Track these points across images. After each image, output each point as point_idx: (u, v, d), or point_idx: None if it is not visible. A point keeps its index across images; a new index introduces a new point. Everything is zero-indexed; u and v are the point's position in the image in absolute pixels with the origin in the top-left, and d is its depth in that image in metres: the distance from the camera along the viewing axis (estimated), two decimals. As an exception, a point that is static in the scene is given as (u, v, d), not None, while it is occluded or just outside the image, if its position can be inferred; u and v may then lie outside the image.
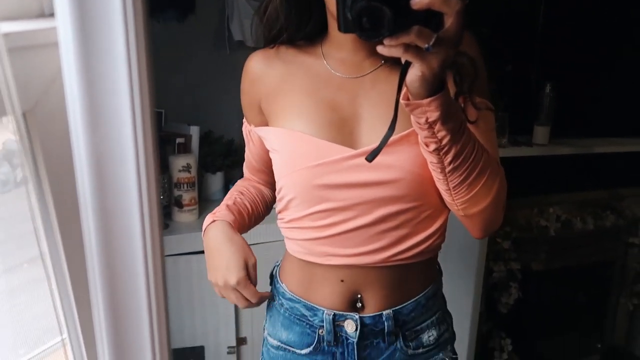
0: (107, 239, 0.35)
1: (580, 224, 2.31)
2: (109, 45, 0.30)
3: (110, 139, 0.32)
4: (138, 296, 0.36)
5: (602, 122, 2.34)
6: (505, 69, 2.19)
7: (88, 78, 0.31)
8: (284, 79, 0.88)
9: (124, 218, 0.34)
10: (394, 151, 0.80)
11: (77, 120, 0.31)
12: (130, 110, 0.32)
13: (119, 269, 0.35)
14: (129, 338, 0.40)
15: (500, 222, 0.85)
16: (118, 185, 0.33)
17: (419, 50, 0.61)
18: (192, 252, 1.62)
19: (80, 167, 0.32)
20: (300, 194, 0.85)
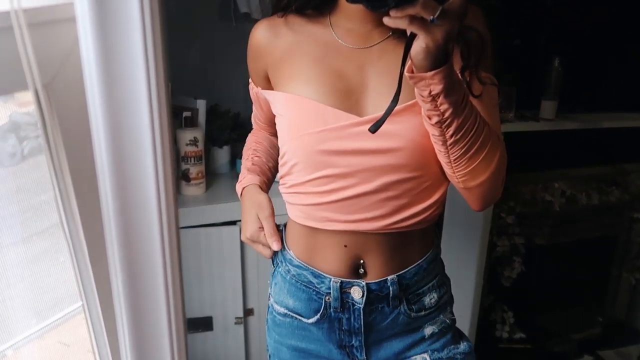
0: (124, 209, 0.36)
1: (585, 199, 2.31)
2: (125, 18, 0.31)
3: (126, 109, 0.33)
4: (154, 264, 0.38)
5: (609, 97, 2.31)
6: (513, 43, 2.17)
7: (104, 51, 0.32)
8: (291, 47, 0.89)
9: (140, 187, 0.35)
10: (398, 120, 0.81)
11: (95, 92, 0.32)
12: (146, 82, 0.32)
13: (136, 238, 0.37)
14: (146, 305, 0.41)
15: (499, 195, 0.87)
16: (134, 155, 0.34)
17: (424, 22, 0.62)
18: (199, 225, 1.64)
19: (98, 138, 0.33)
20: (303, 159, 0.87)
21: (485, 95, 0.81)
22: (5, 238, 0.67)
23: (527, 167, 2.14)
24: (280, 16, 0.91)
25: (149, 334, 0.40)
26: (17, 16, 0.32)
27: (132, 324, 0.42)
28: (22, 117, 0.75)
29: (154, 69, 0.32)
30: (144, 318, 0.42)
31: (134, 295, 0.40)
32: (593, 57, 2.27)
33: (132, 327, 0.40)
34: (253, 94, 1.03)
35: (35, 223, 0.71)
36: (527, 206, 2.20)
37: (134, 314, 0.42)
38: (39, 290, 0.72)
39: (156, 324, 0.41)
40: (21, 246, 0.71)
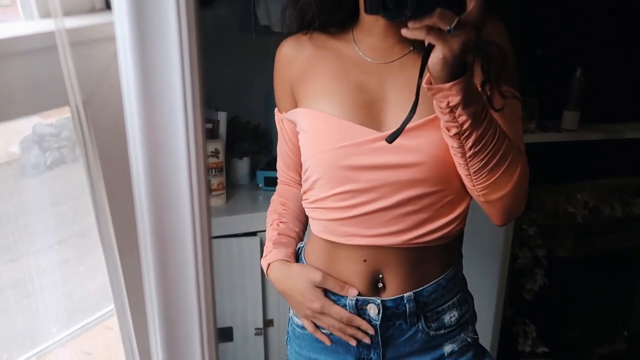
0: (159, 221, 0.37)
1: (608, 210, 2.28)
2: (163, 38, 0.32)
3: (163, 125, 0.34)
4: (187, 272, 0.39)
5: (632, 107, 2.28)
6: (535, 54, 2.16)
7: (143, 69, 0.33)
8: (314, 62, 0.91)
9: (175, 200, 0.36)
10: (418, 135, 0.82)
11: (132, 108, 0.33)
12: (182, 99, 0.33)
13: (169, 249, 0.38)
14: (179, 312, 0.42)
15: (522, 210, 0.86)
16: (170, 168, 0.35)
17: (441, 32, 0.63)
18: (220, 236, 1.65)
19: (135, 152, 0.34)
20: (325, 174, 0.87)
21: (507, 109, 0.81)
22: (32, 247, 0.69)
23: (549, 178, 2.12)
24: (305, 34, 0.92)
25: (180, 340, 0.41)
26: (61, 36, 0.33)
27: (164, 330, 0.43)
28: (46, 128, 0.77)
29: (190, 87, 0.33)
30: (176, 325, 0.42)
31: (166, 302, 0.41)
32: (615, 66, 2.25)
33: (164, 334, 0.41)
34: (279, 124, 1.02)
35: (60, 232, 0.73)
36: (549, 218, 2.18)
37: (166, 320, 0.42)
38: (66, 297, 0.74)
39: (188, 332, 0.41)
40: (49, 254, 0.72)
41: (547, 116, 2.10)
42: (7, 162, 0.74)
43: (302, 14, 0.90)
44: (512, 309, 2.24)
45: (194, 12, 0.32)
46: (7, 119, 0.39)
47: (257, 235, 1.69)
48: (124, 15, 0.32)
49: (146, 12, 0.32)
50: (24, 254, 0.68)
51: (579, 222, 2.20)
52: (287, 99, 0.96)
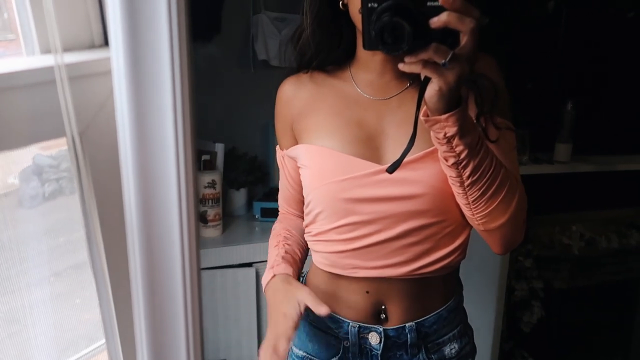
0: (149, 253, 0.38)
1: (604, 243, 2.28)
2: (157, 74, 0.34)
3: (155, 159, 0.36)
4: (176, 305, 0.39)
5: (624, 139, 2.32)
6: (526, 87, 2.20)
7: (137, 103, 0.34)
8: (314, 99, 0.93)
9: (166, 232, 0.37)
10: (418, 167, 0.83)
11: (126, 141, 0.35)
12: (174, 133, 0.35)
13: (159, 282, 0.38)
14: (167, 346, 0.43)
15: (521, 238, 0.87)
16: (160, 202, 0.36)
17: (436, 66, 0.65)
18: (216, 267, 1.65)
19: (127, 185, 0.35)
20: (327, 207, 0.89)
21: (502, 140, 0.83)
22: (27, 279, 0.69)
23: (543, 209, 2.13)
24: (305, 72, 0.95)
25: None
26: (60, 70, 0.35)
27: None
28: (46, 159, 0.78)
29: (182, 123, 0.35)
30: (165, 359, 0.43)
31: (155, 337, 0.41)
32: (606, 98, 2.29)
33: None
34: (280, 160, 1.02)
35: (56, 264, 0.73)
36: (545, 249, 2.18)
37: (154, 354, 0.43)
38: (58, 330, 0.73)
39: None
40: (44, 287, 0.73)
41: (539, 148, 2.13)
42: (4, 194, 0.74)
43: (301, 54, 0.92)
44: (510, 342, 2.22)
45: (187, 49, 0.33)
46: (5, 148, 0.40)
47: (253, 266, 1.69)
48: (119, 51, 0.34)
49: (141, 48, 0.34)
50: (17, 287, 0.68)
51: (575, 254, 2.21)
52: (288, 136, 0.97)
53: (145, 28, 0.33)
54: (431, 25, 0.64)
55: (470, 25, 0.64)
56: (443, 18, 0.63)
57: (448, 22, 0.63)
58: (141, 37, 0.34)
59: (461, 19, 0.63)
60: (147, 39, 0.34)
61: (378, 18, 0.63)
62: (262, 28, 1.97)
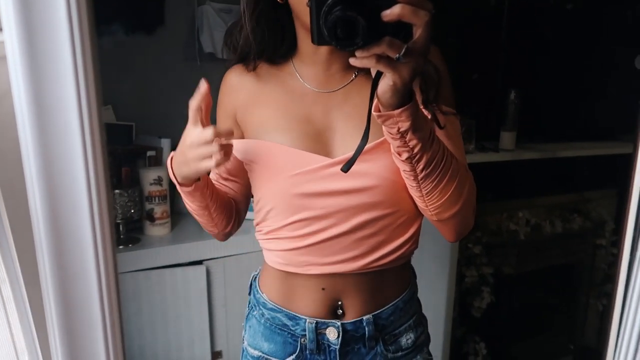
0: (59, 256, 0.35)
1: (549, 228, 2.36)
2: (56, 57, 0.31)
3: (60, 154, 0.33)
4: (92, 315, 0.36)
5: (566, 127, 2.40)
6: (471, 77, 2.24)
7: (36, 91, 0.31)
8: (259, 92, 0.90)
9: (75, 234, 0.34)
10: (368, 159, 0.82)
11: (27, 134, 0.32)
12: (79, 122, 0.32)
13: (72, 288, 0.36)
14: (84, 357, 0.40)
15: (472, 225, 0.88)
16: (69, 201, 0.34)
17: (390, 60, 0.63)
18: (164, 266, 1.60)
19: (32, 186, 0.32)
20: (278, 203, 0.87)
21: (449, 127, 0.83)
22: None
23: (490, 197, 2.18)
24: (249, 65, 0.91)
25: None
26: (-55, 57, 0.32)
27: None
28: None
29: (87, 111, 0.32)
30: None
31: (72, 348, 0.38)
32: (548, 88, 2.37)
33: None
34: None
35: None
36: (493, 236, 2.23)
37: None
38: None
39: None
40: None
41: (485, 137, 2.18)
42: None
43: (242, 52, 0.90)
44: (462, 327, 2.27)
45: (88, 29, 0.31)
46: None
47: (203, 264, 1.65)
48: (13, 34, 0.31)
49: (38, 30, 0.31)
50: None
51: (522, 240, 2.27)
52: (229, 125, 0.94)
53: (41, 7, 0.30)
54: (384, 19, 0.61)
55: (424, 18, 0.62)
56: (396, 11, 0.61)
57: (402, 15, 0.61)
58: (37, 17, 0.31)
59: (415, 12, 0.61)
60: (43, 19, 0.31)
61: (329, 12, 0.60)
62: (208, 19, 1.93)
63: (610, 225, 2.54)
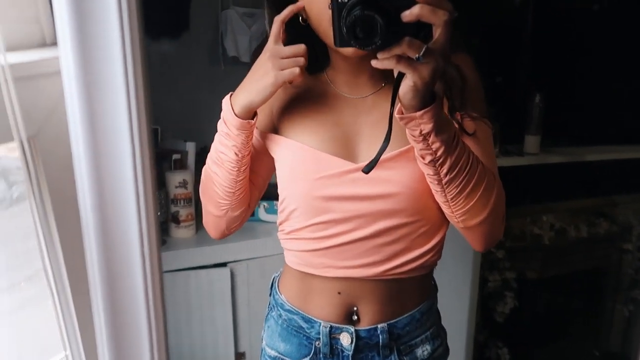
0: (107, 257, 0.36)
1: (574, 232, 2.33)
2: (109, 72, 0.32)
3: (110, 161, 0.34)
4: (138, 312, 0.38)
5: (592, 130, 2.37)
6: (495, 80, 2.23)
7: (89, 105, 0.33)
8: (293, 93, 0.92)
9: (123, 236, 0.36)
10: (392, 166, 0.83)
11: (79, 144, 0.33)
12: (129, 133, 0.33)
13: (119, 286, 0.37)
14: (130, 354, 0.41)
15: (501, 234, 0.87)
16: (118, 204, 0.35)
17: (410, 60, 0.64)
18: (189, 268, 1.63)
19: (82, 188, 0.34)
20: (302, 204, 0.88)
21: (479, 133, 0.83)
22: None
23: (514, 201, 2.16)
24: None
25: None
26: (4, 71, 0.33)
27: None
28: (12, 162, 0.75)
29: (137, 121, 0.33)
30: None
31: (118, 345, 0.40)
32: (574, 90, 2.34)
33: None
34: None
35: (21, 271, 0.70)
36: (516, 240, 2.21)
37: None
38: (21, 341, 0.70)
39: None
40: (5, 295, 0.70)
41: (509, 140, 2.16)
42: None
43: None
44: (485, 332, 2.25)
45: (139, 46, 0.32)
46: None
47: (227, 266, 1.67)
48: (68, 49, 0.32)
49: (91, 45, 0.32)
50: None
51: (546, 244, 2.24)
52: (264, 115, 0.92)
53: (94, 24, 0.32)
54: (403, 19, 0.62)
55: (443, 17, 0.63)
56: (415, 11, 0.62)
57: (421, 15, 0.62)
58: (91, 34, 0.32)
59: (434, 12, 0.62)
60: (97, 35, 0.32)
61: (349, 13, 0.62)
62: (232, 24, 1.95)
63: (638, 230, 2.49)
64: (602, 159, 2.27)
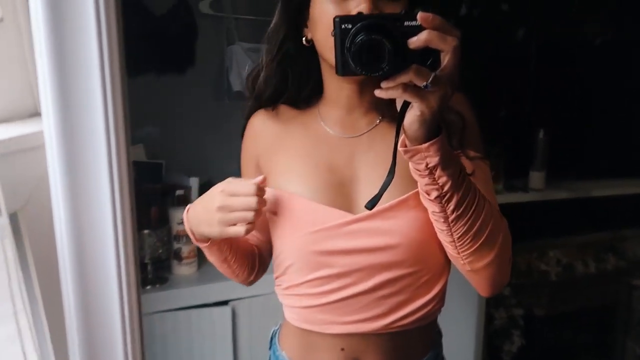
0: (88, 336, 0.35)
1: (581, 267, 2.29)
2: (93, 151, 0.32)
3: (91, 236, 0.34)
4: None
5: (598, 164, 2.35)
6: (499, 114, 2.23)
7: (71, 178, 0.33)
8: (282, 138, 0.89)
9: (105, 309, 0.35)
10: (392, 216, 0.80)
11: (62, 219, 0.33)
12: (111, 206, 0.33)
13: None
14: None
15: (508, 278, 0.83)
16: (98, 273, 0.34)
17: (417, 89, 0.60)
18: (191, 306, 1.61)
19: (63, 260, 0.33)
20: (298, 260, 0.85)
21: (478, 172, 0.80)
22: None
23: (519, 236, 2.13)
24: (272, 108, 0.91)
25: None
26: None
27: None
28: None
29: (119, 194, 0.33)
30: None
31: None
32: (578, 125, 2.33)
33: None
34: None
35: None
36: (523, 276, 2.18)
37: None
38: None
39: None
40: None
41: (514, 175, 2.14)
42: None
43: (261, 91, 0.89)
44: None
45: (123, 120, 0.32)
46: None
47: (229, 304, 1.65)
48: (51, 124, 0.32)
49: (75, 120, 0.32)
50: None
51: (553, 280, 2.21)
52: (251, 173, 0.93)
53: (78, 98, 0.31)
54: (410, 46, 0.59)
55: (452, 43, 0.60)
56: (423, 37, 0.59)
57: (429, 41, 0.59)
58: (74, 108, 0.32)
59: (442, 38, 0.59)
60: (80, 110, 0.32)
61: (353, 39, 0.59)
62: (237, 59, 1.97)
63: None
64: (607, 195, 2.24)
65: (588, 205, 2.27)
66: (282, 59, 0.85)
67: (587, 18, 2.38)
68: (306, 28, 0.83)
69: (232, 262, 0.94)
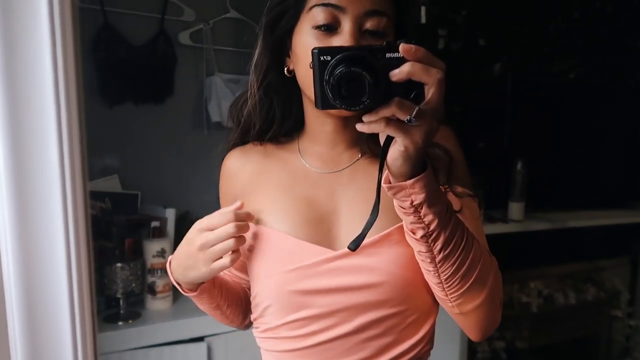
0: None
1: (562, 299, 2.29)
2: (45, 182, 0.30)
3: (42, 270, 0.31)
4: None
5: (576, 195, 2.38)
6: (477, 146, 2.25)
7: (19, 208, 0.30)
8: (259, 174, 0.86)
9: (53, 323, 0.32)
10: (375, 252, 0.76)
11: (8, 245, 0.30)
12: (65, 241, 0.31)
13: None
14: None
15: (499, 321, 0.78)
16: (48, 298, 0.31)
17: (400, 123, 0.57)
18: (165, 343, 1.55)
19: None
20: (276, 301, 0.79)
21: (466, 210, 0.76)
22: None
23: (500, 267, 2.13)
24: (260, 144, 0.88)
25: None
26: None
27: None
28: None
29: (74, 236, 0.30)
30: None
31: None
32: (557, 156, 2.36)
33: None
34: None
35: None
36: (505, 308, 2.15)
37: None
38: None
39: None
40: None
41: (493, 206, 2.15)
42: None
43: (245, 123, 0.86)
44: (475, 406, 2.15)
45: (78, 144, 0.29)
46: None
47: (205, 340, 1.59)
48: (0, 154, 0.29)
49: (26, 151, 0.30)
50: None
51: (535, 312, 2.20)
52: (229, 200, 0.88)
53: (30, 131, 0.29)
54: (392, 78, 0.56)
55: (437, 76, 0.57)
56: (406, 69, 0.56)
57: (411, 73, 0.56)
58: (26, 140, 0.30)
59: (426, 70, 0.56)
60: (32, 141, 0.30)
61: (333, 70, 0.56)
62: (216, 89, 1.97)
63: (626, 296, 2.46)
64: (584, 225, 2.26)
65: (566, 235, 2.29)
66: (267, 89, 0.83)
67: (561, 53, 2.45)
68: (288, 58, 0.81)
69: (225, 308, 0.91)
